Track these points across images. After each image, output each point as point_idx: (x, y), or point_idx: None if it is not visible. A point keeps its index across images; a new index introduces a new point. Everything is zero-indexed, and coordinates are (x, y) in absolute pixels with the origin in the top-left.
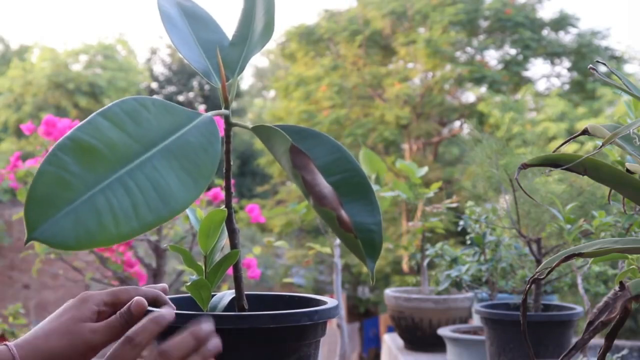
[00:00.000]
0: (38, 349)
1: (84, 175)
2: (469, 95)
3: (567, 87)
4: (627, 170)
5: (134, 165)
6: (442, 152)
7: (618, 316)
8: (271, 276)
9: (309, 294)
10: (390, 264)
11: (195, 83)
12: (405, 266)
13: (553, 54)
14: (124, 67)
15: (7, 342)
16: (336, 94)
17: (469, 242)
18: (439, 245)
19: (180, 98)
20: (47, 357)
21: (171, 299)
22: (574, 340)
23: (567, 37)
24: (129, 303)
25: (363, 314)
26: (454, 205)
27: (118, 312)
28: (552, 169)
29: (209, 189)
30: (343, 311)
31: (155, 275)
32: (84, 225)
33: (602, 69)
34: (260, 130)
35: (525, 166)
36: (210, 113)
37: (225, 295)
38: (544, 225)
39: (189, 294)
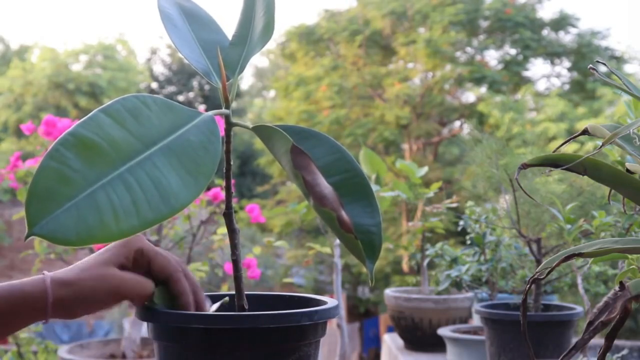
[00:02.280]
0: (71, 286)
1: (85, 171)
2: (469, 95)
3: (567, 87)
4: (627, 170)
5: (134, 162)
6: (442, 152)
7: (618, 316)
8: (271, 276)
9: (309, 294)
10: (390, 264)
11: (195, 83)
12: (405, 266)
13: (553, 54)
14: (124, 67)
15: (45, 275)
16: (336, 94)
17: (469, 242)
18: (439, 245)
19: (180, 98)
20: (77, 293)
21: None
22: (574, 340)
23: (567, 37)
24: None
25: (363, 314)
26: (454, 205)
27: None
28: (552, 169)
29: (209, 188)
30: (343, 311)
31: None
32: (85, 221)
33: (602, 69)
34: (260, 130)
35: (525, 166)
36: (210, 112)
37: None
38: (544, 225)
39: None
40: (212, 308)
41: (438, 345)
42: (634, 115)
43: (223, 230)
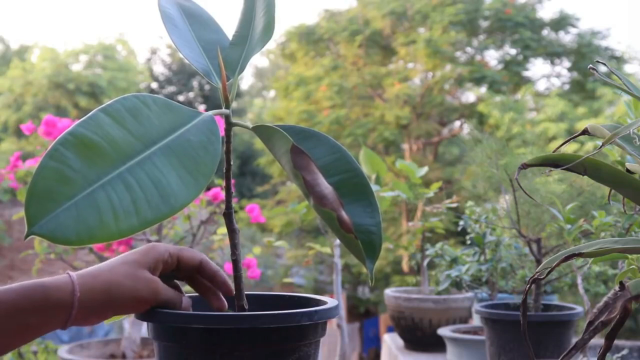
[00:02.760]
0: (98, 278)
1: (84, 170)
2: (469, 95)
3: (567, 87)
4: (627, 170)
5: (134, 162)
6: (442, 152)
7: (618, 316)
8: (271, 276)
9: (309, 294)
10: (390, 264)
11: (195, 83)
12: (405, 266)
13: (553, 54)
14: (124, 67)
15: (69, 272)
16: (336, 94)
17: (469, 242)
18: (439, 245)
19: (180, 98)
20: (107, 287)
21: None
22: (574, 340)
23: (567, 37)
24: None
25: (363, 314)
26: (454, 205)
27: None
28: (552, 169)
29: (208, 188)
30: (343, 311)
31: None
32: (84, 220)
33: (602, 69)
34: (261, 130)
35: (525, 166)
36: (211, 112)
37: None
38: (544, 225)
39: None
40: None
41: (438, 345)
42: (634, 115)
43: (223, 230)
